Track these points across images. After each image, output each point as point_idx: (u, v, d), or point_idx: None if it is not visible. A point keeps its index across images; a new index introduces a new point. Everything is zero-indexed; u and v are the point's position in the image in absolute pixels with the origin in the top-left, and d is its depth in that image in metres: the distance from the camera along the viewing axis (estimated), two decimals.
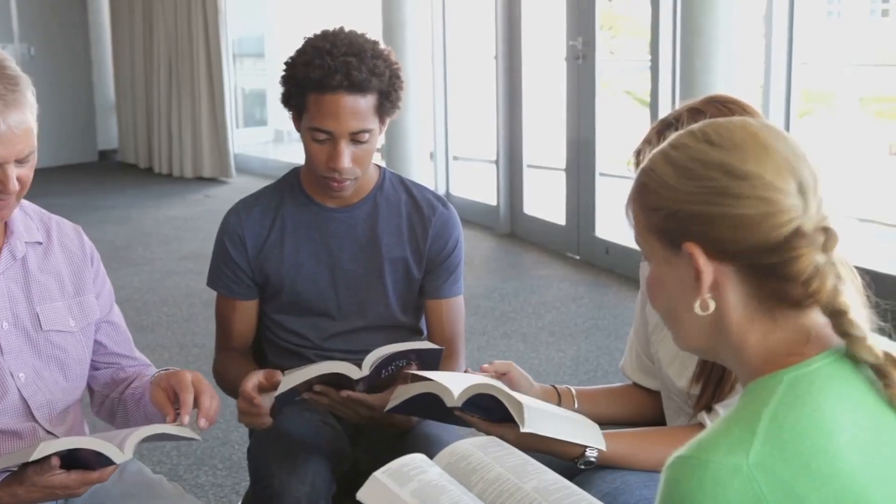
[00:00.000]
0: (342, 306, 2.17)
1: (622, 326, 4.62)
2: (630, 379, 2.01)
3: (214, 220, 6.51)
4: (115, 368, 2.00)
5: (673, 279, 1.16)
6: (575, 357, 4.31)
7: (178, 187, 8.43)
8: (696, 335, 1.18)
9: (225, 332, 2.21)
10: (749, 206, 1.08)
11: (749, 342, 1.12)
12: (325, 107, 1.99)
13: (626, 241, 5.50)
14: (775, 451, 1.02)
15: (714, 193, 1.10)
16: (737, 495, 1.00)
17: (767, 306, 1.11)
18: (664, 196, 1.13)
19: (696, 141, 1.13)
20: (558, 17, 5.86)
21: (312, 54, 2.02)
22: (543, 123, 6.88)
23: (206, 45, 8.47)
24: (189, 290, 5.36)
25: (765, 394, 1.07)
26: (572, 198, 5.83)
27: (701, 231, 1.11)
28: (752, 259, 1.09)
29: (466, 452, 1.52)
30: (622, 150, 6.86)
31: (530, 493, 1.45)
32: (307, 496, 1.85)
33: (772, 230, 1.08)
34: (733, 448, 1.02)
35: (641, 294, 1.98)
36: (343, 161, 2.01)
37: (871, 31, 10.06)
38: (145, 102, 9.12)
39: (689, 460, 1.04)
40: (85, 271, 1.95)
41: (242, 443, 3.50)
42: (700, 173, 1.11)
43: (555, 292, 5.21)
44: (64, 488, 1.64)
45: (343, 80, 1.97)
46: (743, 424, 1.04)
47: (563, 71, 5.81)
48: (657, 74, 4.98)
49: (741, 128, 1.13)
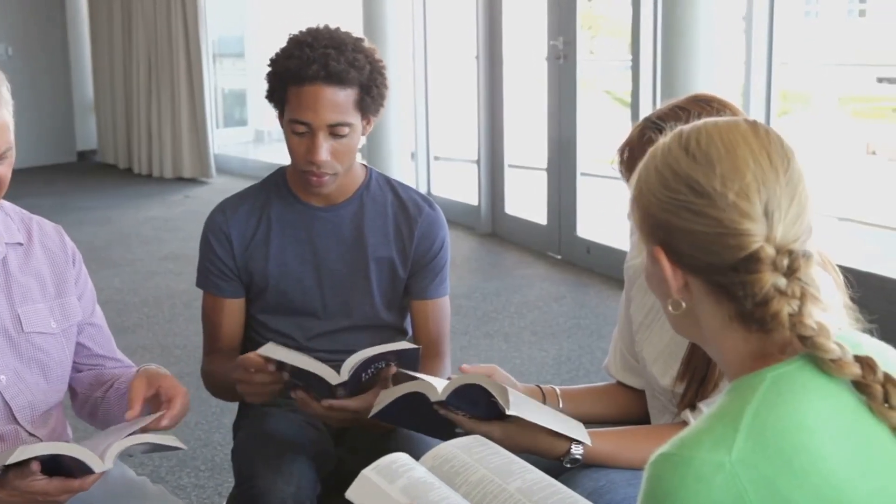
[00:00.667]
0: (327, 306, 2.17)
1: (604, 326, 4.64)
2: (614, 378, 2.01)
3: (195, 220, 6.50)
4: (99, 370, 1.99)
5: (654, 275, 1.18)
6: (557, 356, 4.32)
7: (157, 188, 8.39)
8: (678, 325, 1.21)
9: (213, 333, 2.20)
10: (705, 224, 1.09)
11: (726, 346, 1.14)
12: (304, 98, 2.00)
13: (608, 241, 5.52)
14: (758, 448, 1.02)
15: (677, 206, 1.11)
16: (719, 492, 1.01)
17: (733, 320, 1.12)
18: (644, 196, 1.15)
19: (678, 146, 1.13)
20: (539, 16, 5.86)
21: (293, 47, 2.04)
22: (524, 123, 6.88)
23: (186, 45, 8.44)
24: (170, 291, 5.34)
25: (748, 391, 1.07)
26: (553, 197, 5.84)
27: (665, 239, 1.13)
28: (709, 276, 1.11)
29: (450, 455, 1.52)
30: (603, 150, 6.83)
31: (514, 493, 1.45)
32: (293, 497, 1.84)
33: (725, 251, 1.08)
34: (716, 445, 1.03)
35: (625, 294, 1.99)
36: (320, 154, 2.01)
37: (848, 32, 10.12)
38: (124, 102, 9.07)
39: (671, 457, 1.05)
40: (67, 272, 1.93)
41: (225, 444, 3.49)
42: (670, 183, 1.12)
43: (536, 292, 5.22)
44: (44, 495, 1.62)
45: (320, 71, 1.98)
46: (726, 421, 1.05)
47: (544, 71, 5.82)
48: (638, 74, 4.99)
49: (722, 139, 1.12)
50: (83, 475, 1.63)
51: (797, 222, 1.09)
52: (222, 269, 2.15)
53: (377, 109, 2.08)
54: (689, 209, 1.09)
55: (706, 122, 1.15)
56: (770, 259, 1.07)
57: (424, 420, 1.77)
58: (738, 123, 1.14)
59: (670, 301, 1.15)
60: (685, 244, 1.10)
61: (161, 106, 8.65)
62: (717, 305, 1.12)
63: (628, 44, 5.16)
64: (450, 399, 1.68)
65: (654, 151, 1.17)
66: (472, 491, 1.46)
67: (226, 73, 9.95)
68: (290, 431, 2.02)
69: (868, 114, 9.35)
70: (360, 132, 2.06)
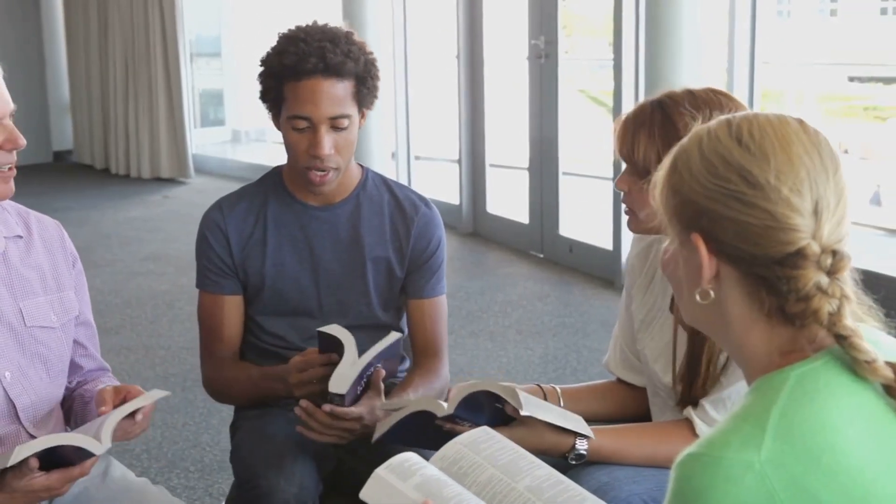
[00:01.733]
0: (323, 305, 2.16)
1: (589, 324, 4.65)
2: (614, 375, 2.02)
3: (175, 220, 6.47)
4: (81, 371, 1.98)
5: (684, 261, 1.17)
6: (543, 355, 4.33)
7: (136, 188, 8.34)
8: (696, 316, 1.20)
9: (213, 335, 2.18)
10: (756, 216, 1.08)
11: (750, 340, 1.14)
12: (303, 93, 1.99)
13: (590, 240, 5.54)
14: (786, 447, 1.03)
15: (727, 195, 1.10)
16: (749, 492, 1.01)
17: (766, 314, 1.12)
18: (686, 181, 1.14)
19: (728, 135, 1.12)
20: (520, 16, 5.87)
21: (286, 44, 2.04)
22: (505, 122, 6.90)
23: (164, 44, 8.39)
24: (152, 292, 5.31)
25: (772, 391, 1.08)
26: (535, 196, 5.86)
27: (708, 227, 1.12)
28: (750, 267, 1.10)
29: (458, 455, 1.51)
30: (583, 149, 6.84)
31: (523, 492, 1.45)
32: (295, 497, 1.84)
33: (773, 245, 1.08)
34: (744, 445, 1.03)
35: (626, 292, 2.00)
36: (324, 147, 2.00)
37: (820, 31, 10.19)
38: (101, 102, 9.00)
39: (700, 457, 1.04)
40: (65, 266, 1.93)
41: (213, 444, 3.48)
42: (720, 171, 1.11)
43: (520, 291, 5.23)
44: (47, 490, 1.62)
45: (318, 63, 1.98)
46: (753, 421, 1.05)
47: (524, 70, 5.83)
48: (620, 73, 5.01)
49: (776, 133, 1.12)
50: (81, 462, 1.63)
51: (842, 223, 1.10)
52: (221, 267, 2.15)
53: (372, 101, 2.09)
54: (739, 199, 1.09)
55: (756, 115, 1.14)
56: (815, 257, 1.07)
57: (427, 438, 1.76)
58: (789, 120, 1.13)
59: (699, 290, 1.14)
60: (730, 234, 1.10)
61: (139, 105, 8.60)
62: (750, 298, 1.12)
63: (605, 43, 5.17)
64: (456, 411, 1.68)
65: (696, 138, 1.15)
66: (481, 491, 1.46)
67: (202, 72, 9.90)
68: (290, 432, 2.01)
69: (840, 113, 9.42)
70: (357, 124, 2.06)
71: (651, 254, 1.93)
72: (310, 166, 2.03)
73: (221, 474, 3.30)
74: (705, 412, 1.74)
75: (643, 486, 1.70)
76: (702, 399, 1.75)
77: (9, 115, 1.76)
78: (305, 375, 1.92)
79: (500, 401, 1.69)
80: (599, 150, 7.50)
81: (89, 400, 1.87)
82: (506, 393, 1.64)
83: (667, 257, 1.21)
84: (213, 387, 2.20)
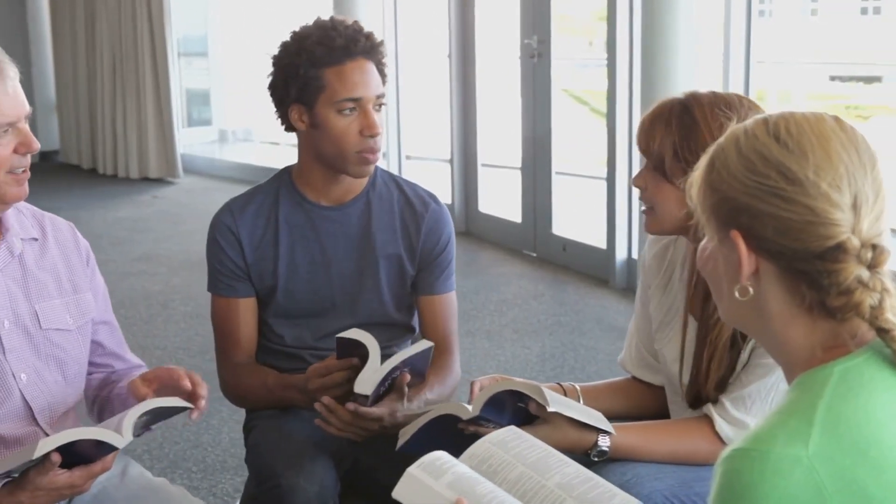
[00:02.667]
0: (337, 305, 2.16)
1: (585, 323, 4.67)
2: (630, 373, 2.03)
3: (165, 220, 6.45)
4: (109, 371, 1.98)
5: (721, 258, 1.18)
6: (541, 354, 4.34)
7: (124, 188, 8.29)
8: (736, 313, 1.20)
9: (230, 339, 2.17)
10: (796, 212, 1.10)
11: (791, 336, 1.15)
12: (349, 75, 2.02)
13: (584, 239, 5.56)
14: (833, 441, 1.04)
15: (766, 192, 1.11)
16: (798, 486, 1.02)
17: (807, 309, 1.13)
18: (724, 179, 1.15)
19: (766, 133, 1.14)
20: (512, 15, 5.88)
21: (321, 33, 2.05)
22: (497, 122, 6.91)
23: (152, 44, 8.35)
24: (146, 292, 5.29)
25: (817, 386, 1.09)
26: (528, 196, 5.86)
27: (747, 223, 1.13)
28: (790, 263, 1.11)
29: (487, 454, 1.52)
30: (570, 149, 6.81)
31: (554, 490, 1.46)
32: (317, 495, 1.84)
33: (813, 240, 1.10)
34: (792, 439, 1.04)
35: (642, 291, 2.01)
36: (378, 125, 2.04)
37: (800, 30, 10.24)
38: (88, 102, 8.95)
39: (748, 452, 1.05)
40: (81, 268, 1.93)
41: (214, 444, 3.47)
42: (759, 168, 1.12)
43: (514, 290, 5.24)
44: (70, 487, 1.61)
45: (366, 43, 2.03)
46: (799, 416, 1.06)
47: (517, 69, 5.84)
48: (614, 73, 5.03)
49: (813, 130, 1.13)
50: (101, 457, 1.63)
51: (880, 218, 1.11)
52: (233, 270, 2.14)
53: (385, 83, 2.12)
54: (779, 195, 1.10)
55: (792, 113, 1.16)
56: (856, 251, 1.09)
57: (450, 444, 1.77)
58: (825, 117, 1.15)
59: (738, 287, 1.15)
60: (770, 230, 1.11)
61: (126, 105, 8.56)
62: (790, 293, 1.13)
63: (585, 42, 5.17)
64: (481, 413, 1.69)
65: (733, 137, 1.17)
66: (511, 489, 1.47)
67: (189, 71, 9.86)
68: (308, 430, 2.01)
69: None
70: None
71: (668, 254, 1.93)
72: (363, 149, 2.05)
73: (224, 474, 3.30)
74: (725, 410, 1.75)
75: (665, 483, 1.71)
76: (722, 396, 1.77)
77: (24, 117, 1.75)
78: (327, 381, 1.92)
79: (523, 400, 1.69)
80: (587, 149, 7.52)
81: (126, 396, 1.85)
82: (532, 391, 1.65)
83: (705, 255, 1.22)
84: (231, 392, 2.20)
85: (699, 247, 1.24)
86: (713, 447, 1.74)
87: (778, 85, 8.60)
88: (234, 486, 3.21)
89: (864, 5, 9.67)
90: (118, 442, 1.59)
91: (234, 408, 3.75)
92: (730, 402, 1.75)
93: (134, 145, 8.57)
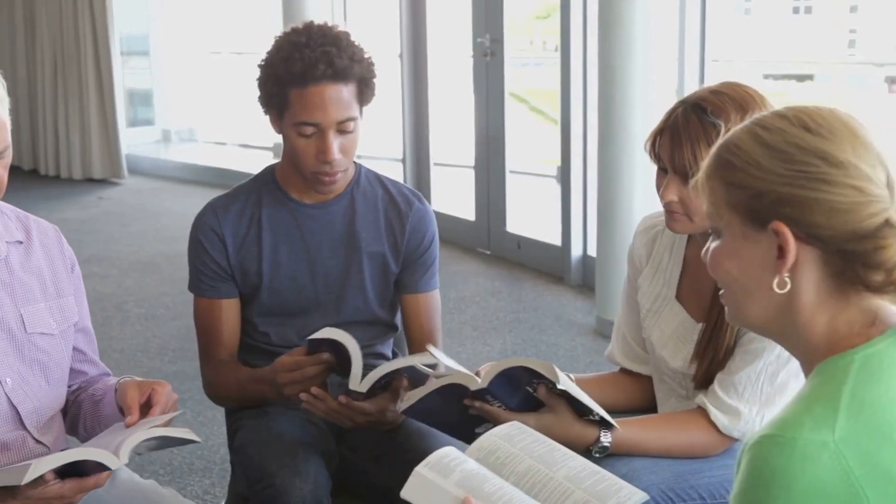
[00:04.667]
0: (321, 303, 2.16)
1: (544, 319, 4.70)
2: (618, 365, 2.06)
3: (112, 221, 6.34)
4: (84, 377, 1.96)
5: (750, 254, 1.19)
6: (502, 350, 4.36)
7: (67, 189, 8.15)
8: (760, 311, 1.21)
9: (212, 339, 2.16)
10: (844, 193, 1.13)
11: (817, 322, 1.17)
12: (310, 99, 1.98)
13: (538, 236, 5.60)
14: (859, 426, 1.07)
15: (811, 179, 1.14)
16: (825, 470, 1.05)
17: (843, 288, 1.16)
18: (754, 175, 1.17)
19: (791, 125, 1.17)
20: (464, 13, 5.90)
21: (290, 49, 2.02)
22: (449, 121, 6.91)
23: (95, 43, 8.22)
24: (98, 295, 5.21)
25: (839, 373, 1.12)
26: (482, 194, 5.88)
27: (793, 213, 1.14)
28: (840, 245, 1.14)
29: (494, 446, 1.53)
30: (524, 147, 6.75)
31: (562, 482, 1.48)
32: (311, 494, 1.84)
33: (863, 219, 1.13)
34: (818, 425, 1.07)
35: (627, 282, 2.04)
36: (333, 152, 2.00)
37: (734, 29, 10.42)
38: (28, 102, 8.78)
39: (776, 438, 1.08)
40: (64, 273, 1.90)
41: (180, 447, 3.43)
42: (798, 158, 1.15)
43: (472, 287, 5.26)
44: (60, 498, 1.60)
45: (327, 70, 1.97)
46: (824, 402, 1.09)
47: (469, 68, 5.86)
48: (568, 72, 5.07)
49: (836, 117, 1.17)
50: (95, 473, 1.61)
51: None
52: (216, 271, 2.13)
53: (371, 99, 2.09)
54: (824, 180, 1.13)
55: (804, 106, 1.19)
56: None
57: (451, 417, 1.78)
58: (831, 107, 1.19)
59: (777, 280, 1.17)
60: (819, 215, 1.13)
61: (69, 105, 8.41)
62: (828, 278, 1.15)
63: (526, 42, 5.20)
64: (489, 387, 1.69)
65: (749, 134, 1.19)
66: (520, 481, 1.48)
67: (131, 71, 9.72)
68: (296, 430, 2.01)
69: None
70: (360, 124, 2.06)
71: (656, 244, 1.97)
72: (318, 171, 2.03)
73: (192, 476, 3.27)
74: (718, 398, 1.78)
75: (661, 476, 1.74)
76: (713, 386, 1.80)
77: None
78: (296, 375, 1.91)
79: (531, 383, 1.71)
80: (531, 147, 7.57)
81: (100, 399, 1.84)
82: (544, 368, 1.66)
83: (722, 255, 1.23)
84: (212, 391, 2.20)
85: (709, 251, 1.25)
86: (710, 437, 1.78)
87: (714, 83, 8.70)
88: (202, 488, 3.19)
89: (796, 5, 9.85)
90: (113, 464, 1.59)
91: (198, 409, 3.74)
92: (721, 391, 1.78)
93: (77, 145, 8.42)
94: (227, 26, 10.37)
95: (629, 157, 4.26)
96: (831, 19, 9.50)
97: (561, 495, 1.45)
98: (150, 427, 1.69)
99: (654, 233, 1.98)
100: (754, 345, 1.76)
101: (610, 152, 4.33)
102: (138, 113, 10.11)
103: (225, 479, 3.30)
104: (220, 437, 3.50)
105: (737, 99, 1.72)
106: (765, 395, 1.76)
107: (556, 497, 1.45)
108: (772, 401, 1.77)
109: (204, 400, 3.89)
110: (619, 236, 4.37)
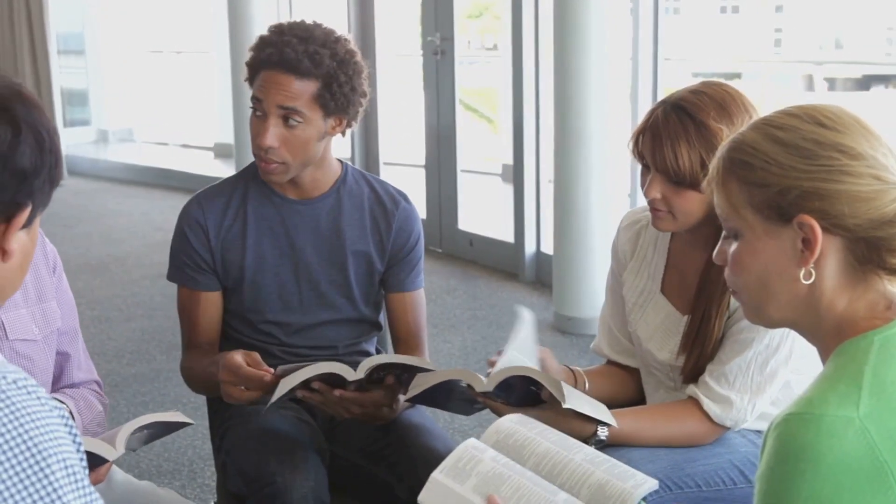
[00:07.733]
0: (304, 300, 2.16)
1: (501, 316, 4.73)
2: (605, 358, 2.09)
3: (56, 223, 6.31)
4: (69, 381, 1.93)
5: (773, 251, 1.23)
6: (462, 347, 4.38)
7: None
8: (784, 304, 1.25)
9: (191, 328, 2.16)
10: (865, 183, 1.18)
11: (837, 307, 1.21)
12: (262, 80, 2.03)
13: (490, 234, 5.63)
14: (882, 403, 1.11)
15: (832, 171, 1.18)
16: (851, 446, 1.09)
17: (864, 273, 1.21)
18: (775, 173, 1.21)
19: (805, 122, 1.21)
20: (413, 12, 5.91)
21: (270, 33, 2.10)
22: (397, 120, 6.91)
23: (31, 41, 8.07)
24: None
25: (860, 353, 1.17)
26: (433, 193, 5.90)
27: (819, 206, 1.19)
28: (865, 232, 1.19)
29: (511, 430, 1.56)
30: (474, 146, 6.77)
31: (582, 463, 1.50)
32: (312, 491, 1.84)
33: (885, 205, 1.18)
34: (843, 402, 1.11)
35: (611, 276, 2.07)
36: (267, 137, 2.01)
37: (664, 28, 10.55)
38: None
39: (802, 416, 1.12)
40: (47, 276, 1.86)
41: (147, 449, 3.39)
42: (817, 153, 1.19)
43: (427, 285, 5.20)
44: None
45: (273, 55, 2.01)
46: (847, 381, 1.14)
47: (419, 66, 5.87)
48: (520, 71, 5.12)
49: (844, 112, 1.22)
50: (94, 468, 1.60)
51: None
52: (198, 262, 2.12)
53: (345, 110, 2.05)
54: (846, 172, 1.18)
55: (811, 104, 1.24)
56: None
57: (451, 402, 1.82)
58: (832, 105, 1.24)
59: (803, 271, 1.21)
60: (845, 206, 1.18)
61: None
62: (849, 265, 1.20)
63: (464, 42, 5.22)
64: (494, 389, 1.72)
65: (764, 134, 1.23)
66: (540, 462, 1.50)
67: (66, 70, 9.56)
68: (290, 428, 2.00)
69: None
70: (318, 128, 2.04)
71: (640, 239, 2.01)
72: (257, 154, 2.06)
73: (161, 479, 3.24)
74: (709, 388, 1.82)
75: (658, 466, 1.77)
76: (704, 376, 1.84)
77: None
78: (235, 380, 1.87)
79: (535, 384, 1.73)
80: (473, 146, 7.61)
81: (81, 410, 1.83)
82: (551, 385, 1.69)
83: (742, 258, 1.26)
84: (183, 373, 2.19)
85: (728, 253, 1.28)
86: (704, 427, 1.82)
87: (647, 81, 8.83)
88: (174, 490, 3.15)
89: (724, 4, 10.03)
90: (110, 455, 1.58)
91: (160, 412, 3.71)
92: (712, 381, 1.82)
93: None
94: (169, 25, 10.25)
95: (585, 153, 4.32)
96: (758, 18, 9.69)
97: (582, 475, 1.48)
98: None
99: (638, 227, 2.01)
100: (744, 335, 1.81)
101: (566, 149, 4.38)
102: (74, 113, 9.95)
103: (194, 480, 3.28)
104: (185, 439, 3.48)
105: (716, 98, 1.76)
106: (755, 384, 1.81)
107: (578, 476, 1.48)
108: (762, 389, 1.81)
109: (166, 402, 3.90)
110: (576, 232, 4.42)
